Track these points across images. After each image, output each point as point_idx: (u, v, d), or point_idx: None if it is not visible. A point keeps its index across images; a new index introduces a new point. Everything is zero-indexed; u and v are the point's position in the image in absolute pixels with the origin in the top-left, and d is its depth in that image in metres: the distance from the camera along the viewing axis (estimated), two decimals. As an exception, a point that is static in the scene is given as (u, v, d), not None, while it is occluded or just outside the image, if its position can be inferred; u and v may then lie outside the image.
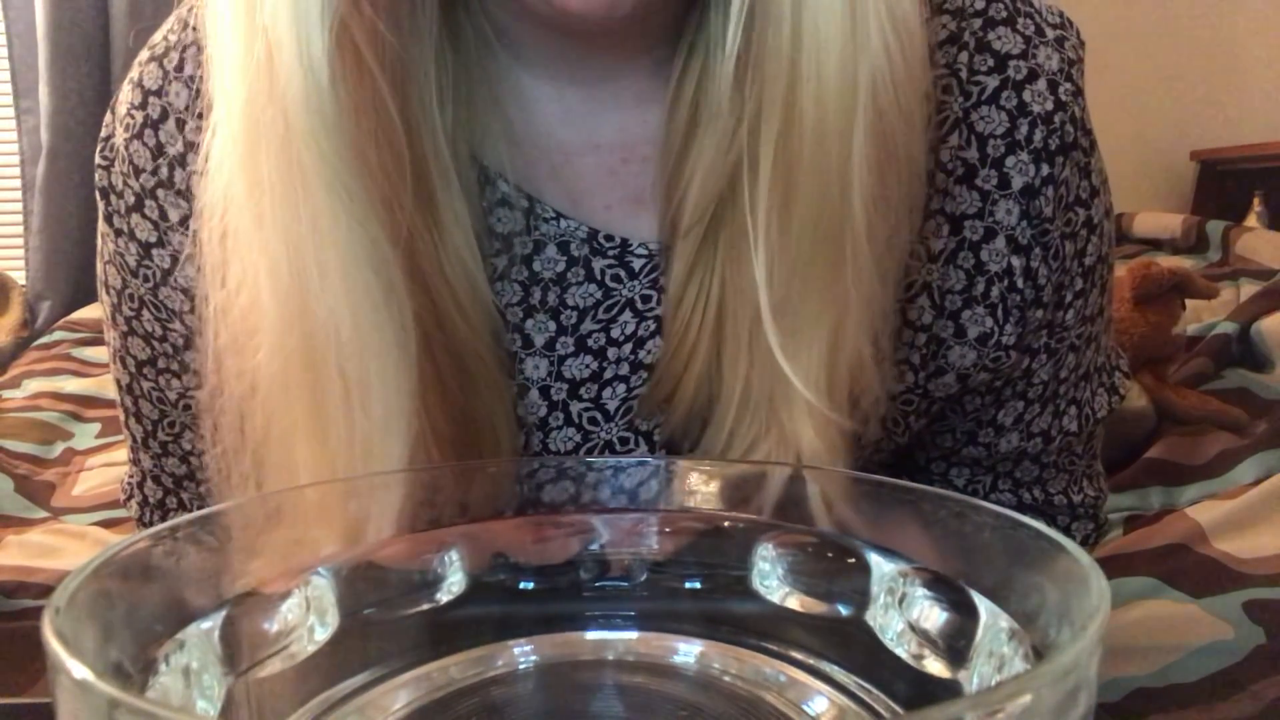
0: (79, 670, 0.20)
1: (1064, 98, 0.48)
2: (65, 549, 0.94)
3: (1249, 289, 1.49)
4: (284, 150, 0.38)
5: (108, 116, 0.51)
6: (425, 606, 0.35)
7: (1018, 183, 0.48)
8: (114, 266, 0.52)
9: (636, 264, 0.49)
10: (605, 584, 0.37)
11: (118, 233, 0.51)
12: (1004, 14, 0.48)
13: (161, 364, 0.53)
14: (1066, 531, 0.60)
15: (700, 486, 0.38)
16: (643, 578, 0.37)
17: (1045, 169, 0.48)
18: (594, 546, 0.37)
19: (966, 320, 0.50)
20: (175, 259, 0.50)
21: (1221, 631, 0.64)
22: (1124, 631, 0.65)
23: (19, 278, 2.13)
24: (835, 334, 0.42)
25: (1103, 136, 0.52)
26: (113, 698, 0.19)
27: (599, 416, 0.50)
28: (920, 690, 0.30)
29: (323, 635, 0.32)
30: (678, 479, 0.38)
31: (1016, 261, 0.49)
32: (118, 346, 0.54)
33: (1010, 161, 0.48)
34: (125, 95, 0.51)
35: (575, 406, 0.49)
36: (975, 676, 0.28)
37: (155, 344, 0.52)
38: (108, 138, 0.51)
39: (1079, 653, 0.20)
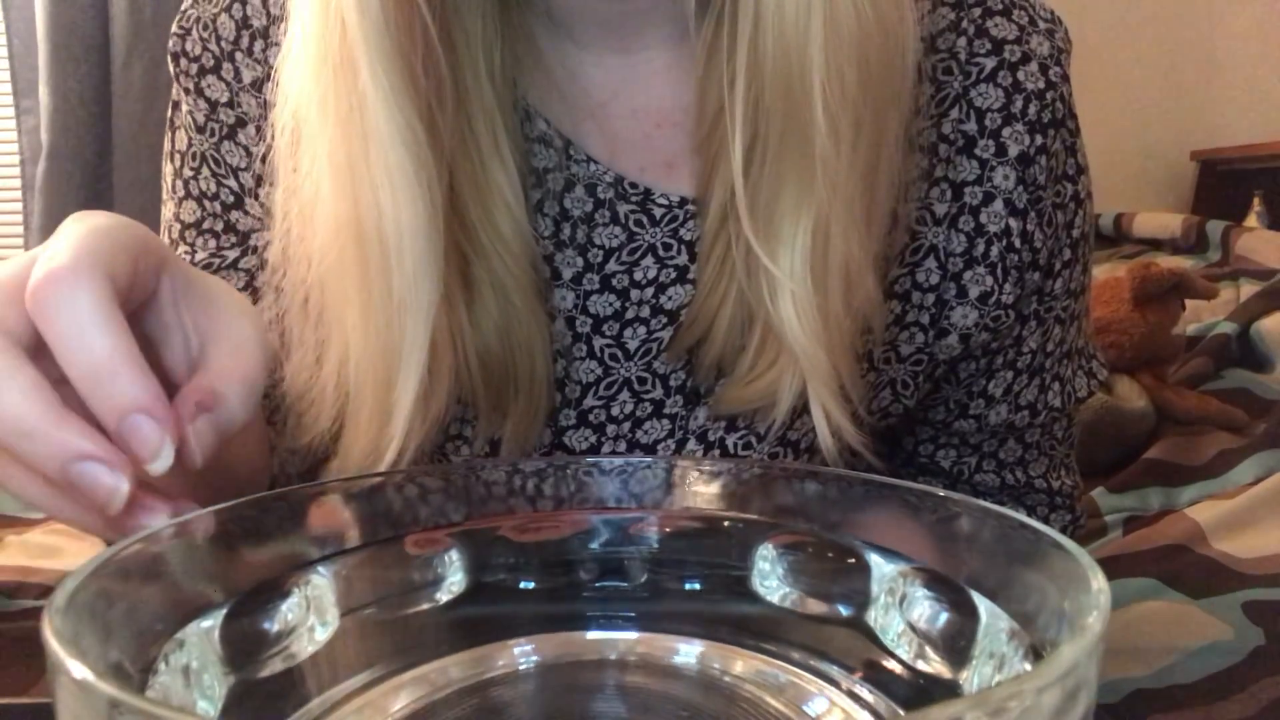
0: (79, 670, 0.20)
1: (1054, 79, 0.53)
2: (65, 549, 0.94)
3: (1249, 289, 1.49)
4: (342, 46, 0.43)
5: None
6: (425, 606, 0.35)
7: (1013, 150, 0.53)
8: (183, 130, 0.57)
9: (657, 212, 0.52)
10: (605, 584, 0.37)
11: (187, 92, 0.56)
12: (1000, 6, 0.54)
13: (206, 225, 0.57)
14: (1045, 521, 0.61)
15: (700, 487, 0.38)
16: (643, 578, 0.37)
17: (1039, 139, 0.53)
18: (594, 546, 0.37)
19: (968, 281, 0.54)
20: (241, 120, 0.55)
21: (1221, 632, 0.64)
22: (1124, 631, 0.65)
23: (19, 278, 2.12)
24: (817, 233, 0.46)
25: (1103, 136, 0.54)
26: (113, 698, 0.19)
27: (619, 354, 0.53)
28: (920, 690, 0.30)
29: (323, 635, 0.32)
30: (678, 479, 0.38)
31: (1014, 223, 0.53)
32: (168, 219, 0.58)
33: (1007, 132, 0.53)
34: None
35: (598, 341, 0.53)
36: (975, 676, 0.28)
37: (206, 203, 0.57)
38: (187, 9, 0.56)
39: (1079, 653, 0.20)
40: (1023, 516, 0.28)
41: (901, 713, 0.29)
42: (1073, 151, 0.55)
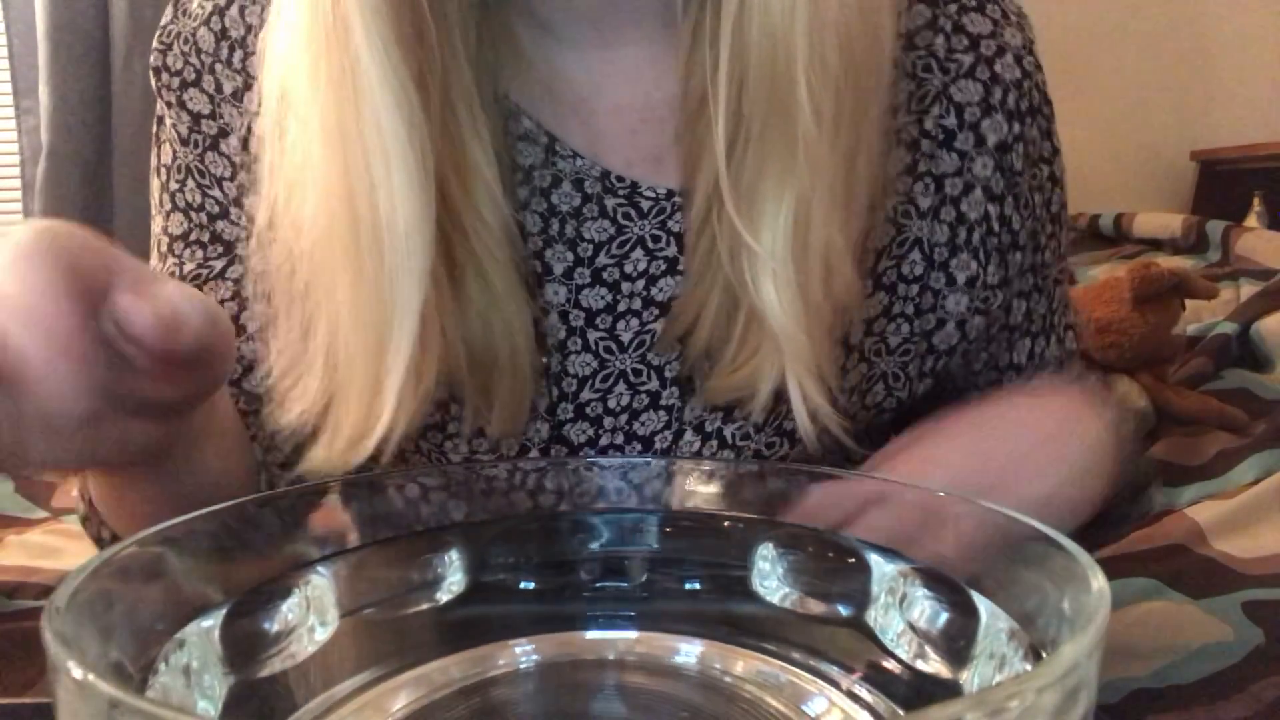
0: (79, 670, 0.20)
1: (1028, 68, 0.56)
2: (65, 549, 0.94)
3: (1249, 289, 1.49)
4: (335, 7, 0.43)
5: (169, 10, 0.58)
6: (425, 606, 0.35)
7: (992, 140, 0.55)
8: (168, 143, 0.57)
9: (645, 205, 0.53)
10: (605, 584, 0.37)
11: (168, 105, 0.57)
12: (974, 2, 0.56)
13: (193, 236, 0.57)
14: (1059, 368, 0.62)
15: (700, 486, 0.38)
16: (643, 578, 0.37)
17: (1017, 127, 0.55)
18: (594, 546, 0.37)
19: (955, 268, 0.55)
20: (224, 131, 0.55)
21: (1221, 632, 0.64)
22: (1124, 632, 0.65)
23: (19, 278, 2.12)
24: (798, 213, 0.46)
25: (1103, 136, 0.55)
26: (113, 698, 0.19)
27: (614, 346, 0.53)
28: (920, 690, 0.30)
29: (323, 635, 0.32)
30: (678, 479, 0.38)
31: (992, 209, 0.55)
32: (157, 233, 0.58)
33: (986, 123, 0.55)
34: None
35: (592, 335, 0.53)
36: (975, 676, 0.28)
37: (192, 214, 0.57)
38: (167, 24, 0.57)
39: (1079, 653, 0.20)
40: (1022, 516, 0.28)
41: (901, 713, 0.29)
42: (1048, 135, 0.58)
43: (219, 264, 0.56)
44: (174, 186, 0.57)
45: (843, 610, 0.33)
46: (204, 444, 0.46)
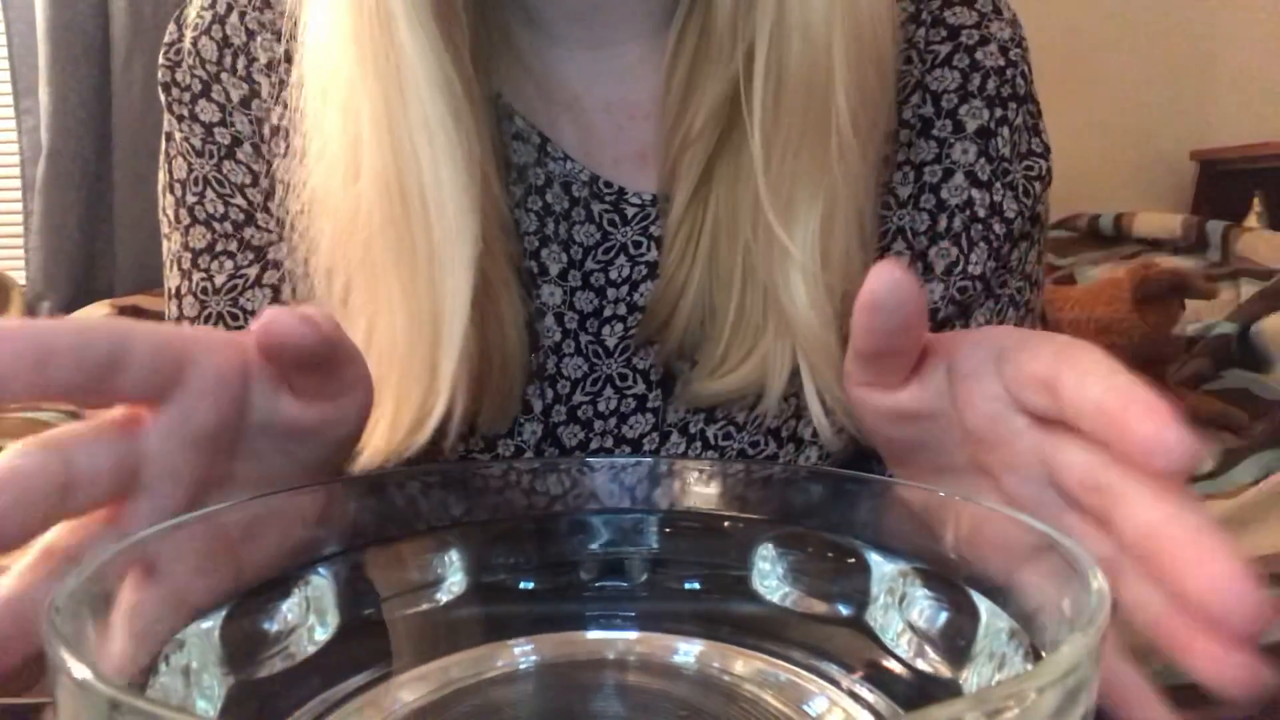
0: (79, 670, 0.20)
1: (1014, 59, 0.55)
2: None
3: (1249, 289, 1.49)
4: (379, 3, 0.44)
5: (171, 26, 0.58)
6: (425, 606, 0.35)
7: (972, 126, 0.54)
8: (180, 157, 0.57)
9: (630, 211, 0.53)
10: (605, 584, 0.37)
11: (180, 119, 0.57)
12: None
13: (220, 247, 0.56)
14: None
15: (700, 486, 0.38)
16: (643, 578, 0.37)
17: (999, 111, 0.54)
18: (594, 546, 0.37)
19: (933, 256, 0.54)
20: (237, 139, 0.56)
21: (1221, 632, 0.64)
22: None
23: (19, 278, 2.13)
24: (827, 221, 0.47)
25: (1103, 136, 0.55)
26: (113, 698, 0.19)
27: (600, 351, 0.54)
28: (920, 690, 0.30)
29: (323, 635, 0.32)
30: (678, 479, 0.38)
31: (977, 194, 0.54)
32: (176, 250, 0.58)
33: (964, 109, 0.54)
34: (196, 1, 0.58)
35: (583, 338, 0.54)
36: (975, 676, 0.28)
37: (216, 225, 0.56)
38: (173, 43, 0.57)
39: (1079, 653, 0.20)
40: (1022, 516, 0.28)
41: (901, 713, 0.29)
42: (1036, 131, 0.56)
43: (252, 271, 0.55)
44: (191, 200, 0.56)
45: (843, 610, 0.33)
46: None
